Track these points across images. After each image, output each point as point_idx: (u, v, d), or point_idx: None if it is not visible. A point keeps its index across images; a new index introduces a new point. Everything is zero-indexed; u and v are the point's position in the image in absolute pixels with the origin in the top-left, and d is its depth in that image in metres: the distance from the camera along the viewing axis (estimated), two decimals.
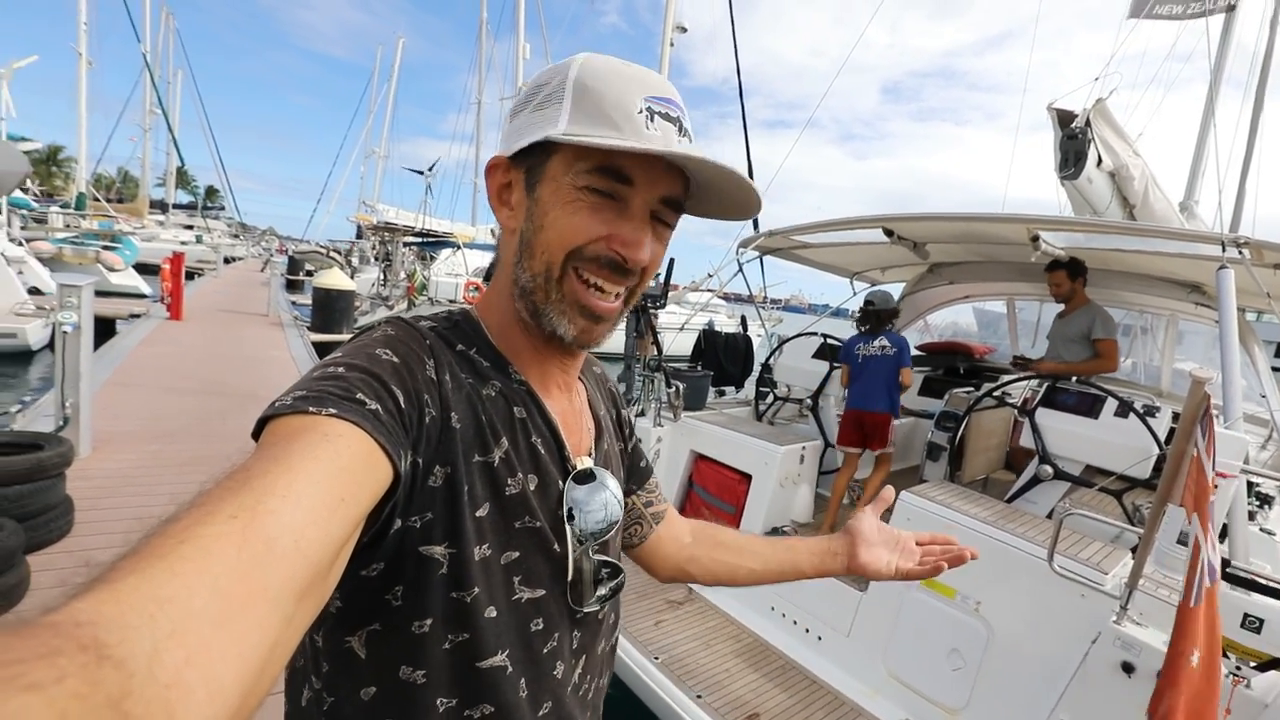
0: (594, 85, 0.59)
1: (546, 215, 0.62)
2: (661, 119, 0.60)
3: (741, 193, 0.64)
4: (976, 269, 4.92)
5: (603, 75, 0.60)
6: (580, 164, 0.60)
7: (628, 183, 0.60)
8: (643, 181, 0.61)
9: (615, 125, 0.58)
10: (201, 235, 27.17)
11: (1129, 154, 4.19)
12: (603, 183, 0.60)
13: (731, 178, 0.61)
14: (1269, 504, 3.00)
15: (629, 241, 0.61)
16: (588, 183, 0.60)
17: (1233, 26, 5.84)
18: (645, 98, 0.60)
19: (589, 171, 0.59)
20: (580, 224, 0.61)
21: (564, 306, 0.63)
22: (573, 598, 0.68)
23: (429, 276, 15.06)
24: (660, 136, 0.59)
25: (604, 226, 0.61)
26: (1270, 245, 2.56)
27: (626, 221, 0.61)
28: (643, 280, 0.66)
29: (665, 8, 8.32)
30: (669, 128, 0.60)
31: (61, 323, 4.00)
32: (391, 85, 38.68)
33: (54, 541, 3.08)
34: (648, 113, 0.59)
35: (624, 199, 0.61)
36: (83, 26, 20.11)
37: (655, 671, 2.39)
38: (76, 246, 14.33)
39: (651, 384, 3.59)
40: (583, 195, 0.60)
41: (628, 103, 0.59)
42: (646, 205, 0.62)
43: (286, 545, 0.37)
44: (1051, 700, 1.92)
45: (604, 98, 0.59)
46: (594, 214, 0.61)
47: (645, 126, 0.59)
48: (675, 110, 0.62)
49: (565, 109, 0.59)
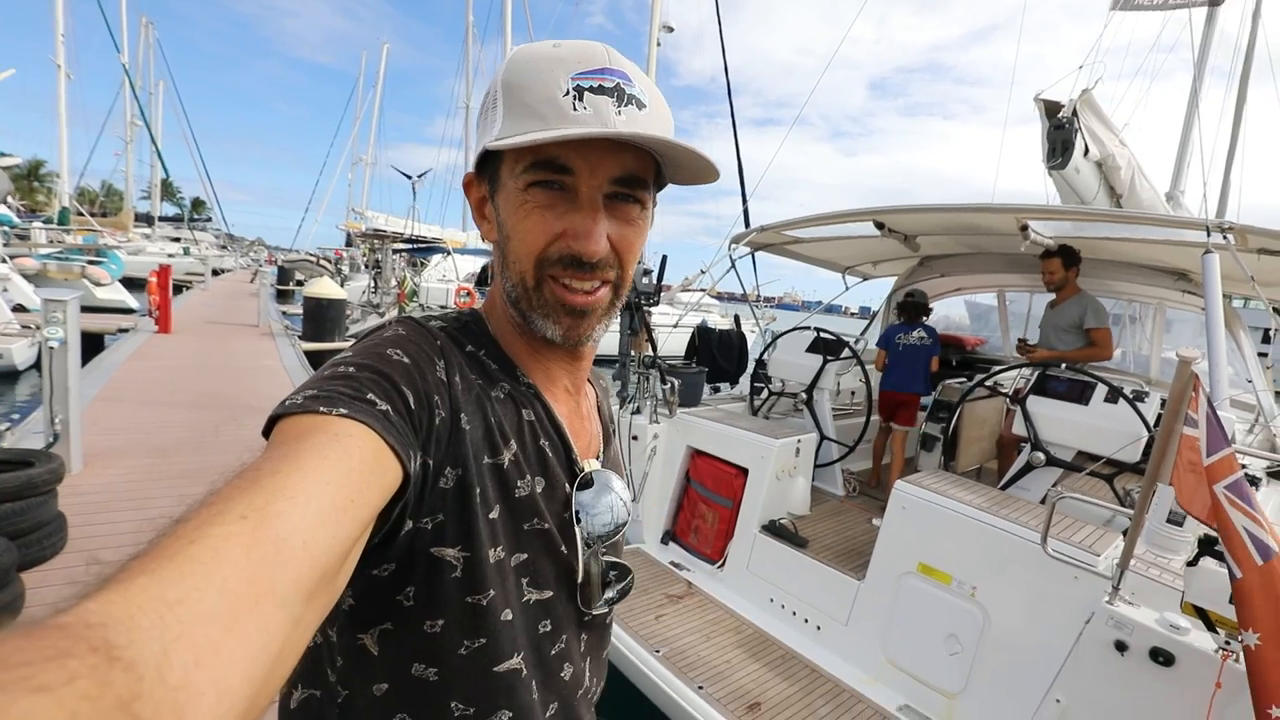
0: (518, 81, 0.58)
1: (507, 224, 0.62)
2: (592, 94, 0.57)
3: (687, 156, 0.60)
4: (967, 261, 4.97)
5: (526, 68, 0.58)
6: (519, 165, 0.59)
7: (567, 171, 0.58)
8: (583, 167, 0.58)
9: (540, 116, 0.56)
10: (189, 247, 26.92)
11: (1115, 144, 4.25)
12: (543, 176, 0.58)
13: (666, 144, 0.58)
14: (1257, 485, 3.04)
15: (579, 234, 0.59)
16: (529, 180, 0.59)
17: (1216, 18, 5.93)
18: (572, 75, 0.57)
19: (526, 170, 0.58)
20: (534, 226, 0.60)
21: (547, 309, 0.63)
22: (581, 600, 0.68)
23: (419, 283, 15.01)
24: (591, 114, 0.56)
25: (558, 222, 0.59)
26: (1254, 230, 2.61)
27: (576, 213, 0.59)
28: (622, 269, 0.64)
29: (651, 7, 8.34)
30: (602, 100, 0.57)
31: (48, 338, 3.97)
32: (377, 92, 38.57)
33: (47, 559, 3.05)
34: (575, 92, 0.56)
35: (571, 189, 0.59)
36: (60, 38, 19.91)
37: (657, 664, 2.40)
38: (61, 262, 14.16)
39: (647, 381, 3.60)
40: (530, 195, 0.59)
41: (550, 88, 0.56)
42: (595, 190, 0.59)
43: (295, 546, 0.37)
44: (1047, 681, 1.95)
45: (527, 90, 0.57)
46: (545, 213, 0.59)
47: (572, 108, 0.56)
48: (611, 78, 0.58)
49: (499, 113, 0.59)
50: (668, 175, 0.65)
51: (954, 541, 2.36)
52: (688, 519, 3.43)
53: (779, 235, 4.41)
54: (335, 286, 11.97)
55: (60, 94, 20.43)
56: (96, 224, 23.05)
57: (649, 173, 0.62)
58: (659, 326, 4.06)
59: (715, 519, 3.28)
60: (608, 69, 0.58)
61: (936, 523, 2.41)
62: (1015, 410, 3.20)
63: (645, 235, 0.66)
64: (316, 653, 0.61)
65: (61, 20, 19.78)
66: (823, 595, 2.73)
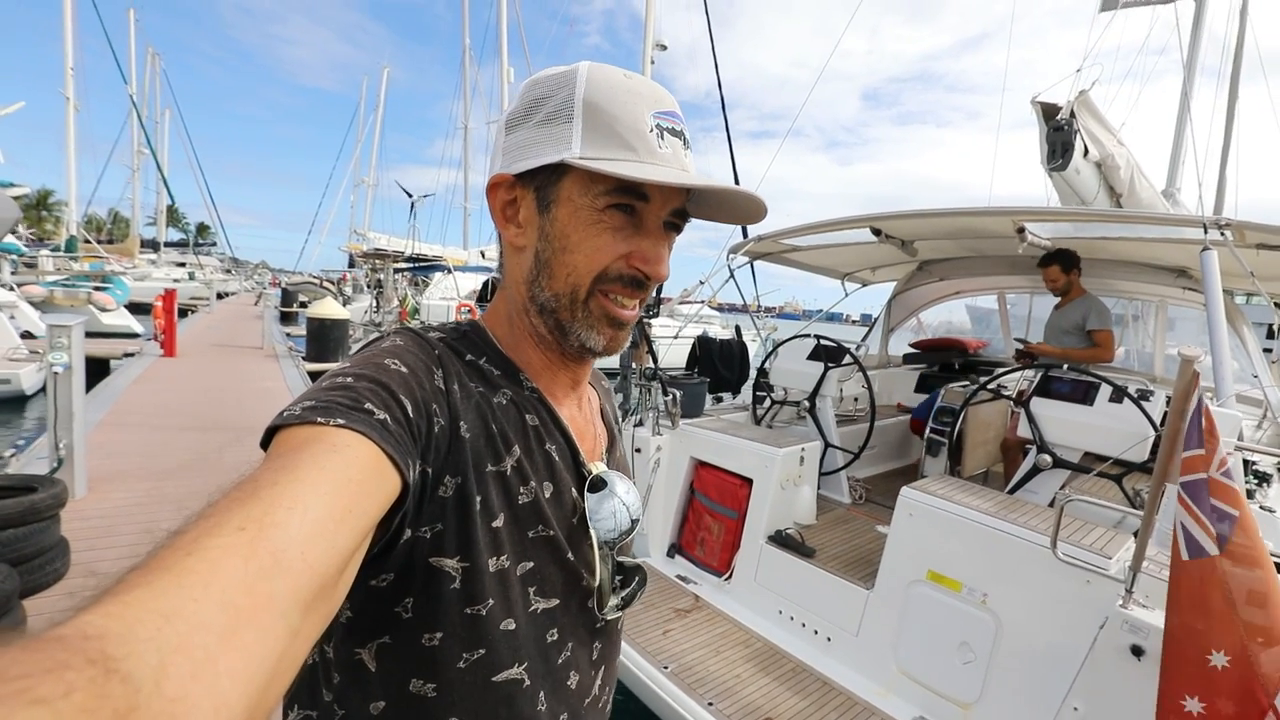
0: (605, 105, 0.60)
1: (569, 238, 0.62)
2: (670, 135, 0.61)
3: (747, 202, 0.65)
4: (965, 264, 4.96)
5: (612, 92, 0.60)
6: (598, 185, 0.60)
7: (645, 199, 0.61)
8: (658, 197, 0.62)
9: (630, 147, 0.59)
10: (194, 272, 27.15)
11: (1114, 144, 4.26)
12: (626, 201, 0.61)
13: (741, 194, 0.64)
14: (1267, 482, 3.00)
15: (650, 258, 0.63)
16: (610, 202, 0.60)
17: (1203, 16, 5.96)
18: (654, 114, 0.61)
19: (608, 192, 0.60)
20: (604, 245, 0.62)
21: (592, 320, 0.64)
22: (594, 605, 0.68)
23: (421, 301, 15.08)
24: (671, 154, 0.61)
25: (625, 245, 0.62)
26: (1251, 225, 2.60)
27: (645, 238, 0.63)
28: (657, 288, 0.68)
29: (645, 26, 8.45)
30: (677, 144, 0.62)
31: (53, 364, 3.99)
32: (378, 115, 39.09)
33: (50, 585, 3.03)
34: (658, 130, 0.60)
35: (640, 214, 0.62)
36: (69, 71, 20.28)
37: (665, 681, 2.36)
38: (68, 289, 14.31)
39: (648, 393, 3.59)
40: (606, 216, 0.61)
41: (639, 122, 0.60)
42: (660, 219, 0.63)
43: (293, 558, 0.37)
44: (1063, 688, 1.91)
45: (616, 119, 0.59)
46: (616, 234, 0.62)
47: (658, 146, 0.60)
48: (679, 123, 0.63)
49: (577, 130, 0.59)
50: (701, 214, 0.69)
51: (963, 548, 2.32)
52: (693, 531, 3.40)
53: (776, 244, 4.41)
54: (338, 307, 12.06)
55: (69, 125, 20.79)
56: (103, 251, 23.29)
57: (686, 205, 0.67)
58: (659, 338, 4.05)
59: (721, 530, 3.25)
60: (675, 113, 0.63)
61: (944, 529, 2.38)
62: (1019, 413, 3.18)
63: None
64: (313, 671, 0.61)
65: (71, 54, 20.14)
66: (832, 606, 2.70)
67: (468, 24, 27.96)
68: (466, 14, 28.02)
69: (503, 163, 0.65)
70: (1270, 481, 3.09)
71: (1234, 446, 1.89)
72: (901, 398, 5.39)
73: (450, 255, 21.72)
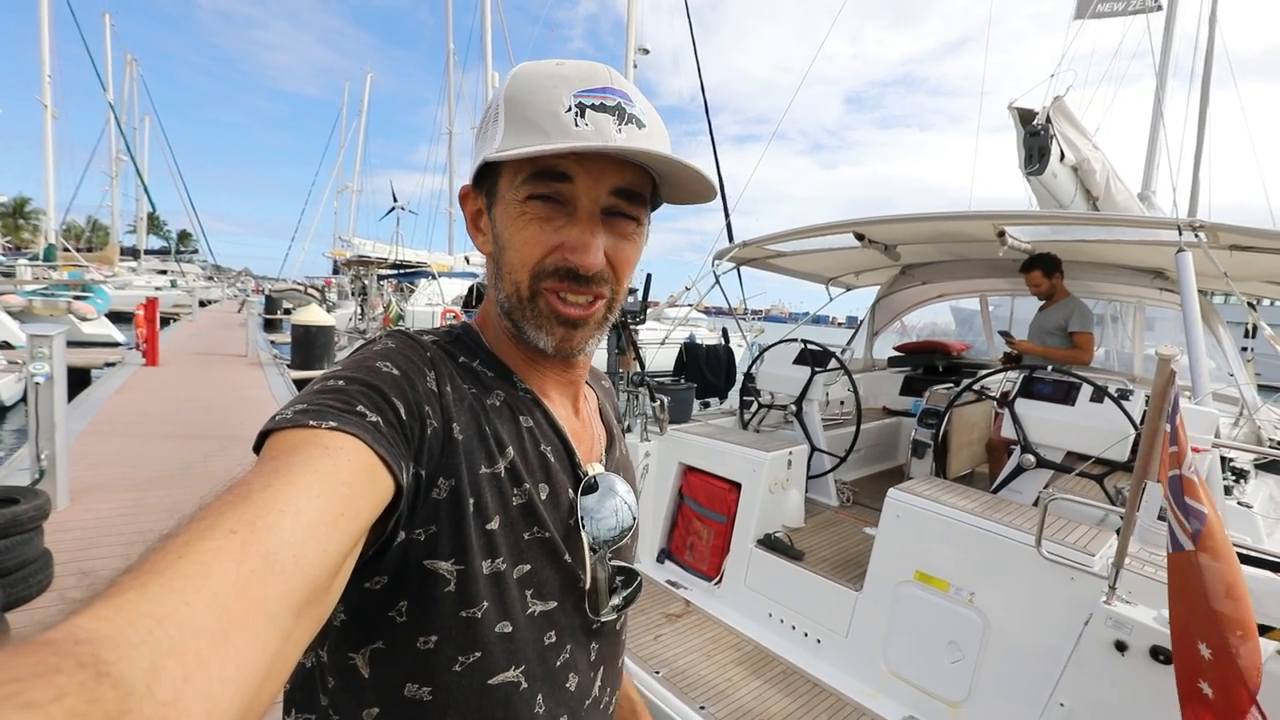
0: (522, 96, 0.60)
1: (503, 236, 0.63)
2: (595, 111, 0.58)
3: (687, 175, 0.61)
4: (948, 268, 5.03)
5: (530, 83, 0.60)
6: (518, 176, 0.60)
7: (567, 179, 0.59)
8: (584, 176, 0.59)
9: (542, 130, 0.57)
10: (175, 280, 26.82)
11: (1089, 148, 4.34)
12: (543, 186, 0.59)
13: (668, 161, 0.59)
14: (1244, 478, 3.07)
15: (576, 246, 0.60)
16: (529, 191, 0.60)
17: (1174, 24, 6.10)
18: (574, 94, 0.58)
19: (526, 181, 0.59)
20: (531, 238, 0.61)
21: (540, 320, 0.63)
22: (589, 606, 0.67)
23: (406, 308, 15.00)
24: (592, 130, 0.57)
25: (555, 235, 0.60)
26: (1224, 227, 2.66)
27: (573, 226, 0.60)
28: (617, 282, 0.65)
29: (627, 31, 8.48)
30: (604, 118, 0.58)
31: (33, 374, 3.93)
32: (361, 120, 38.86)
33: (34, 597, 2.99)
34: (577, 109, 0.58)
35: (570, 200, 0.60)
36: (47, 78, 19.93)
37: (657, 685, 2.36)
38: (47, 298, 14.06)
39: (636, 399, 3.60)
40: (529, 207, 0.60)
41: (554, 104, 0.58)
42: (594, 202, 0.60)
43: (285, 561, 0.36)
44: (1050, 685, 1.94)
45: (530, 105, 0.59)
46: (543, 225, 0.60)
47: (574, 124, 0.57)
48: (613, 98, 0.59)
49: (501, 126, 0.60)
50: (665, 194, 0.67)
51: (949, 548, 2.35)
52: (683, 536, 3.41)
53: (761, 250, 4.44)
54: (323, 314, 11.98)
55: (47, 132, 20.39)
56: (83, 259, 22.93)
57: (646, 189, 0.64)
58: (646, 344, 4.06)
59: (710, 535, 3.26)
60: (610, 88, 0.60)
61: (930, 529, 2.41)
62: (1003, 414, 3.22)
63: (640, 252, 0.67)
64: (309, 675, 0.60)
65: (48, 61, 19.82)
66: (821, 608, 2.72)
67: (451, 29, 27.88)
68: (450, 19, 27.95)
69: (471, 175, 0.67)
70: (1248, 478, 3.16)
71: (1211, 444, 1.93)
72: (886, 400, 5.44)
73: (435, 261, 21.62)
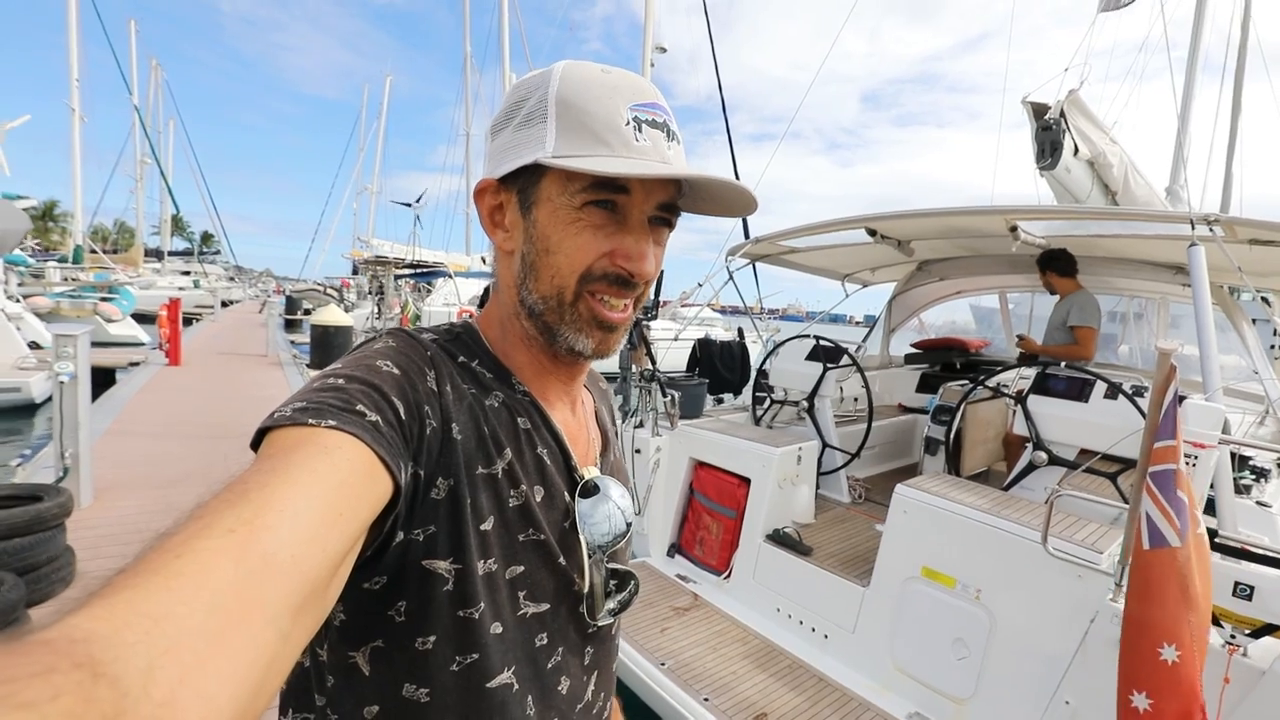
0: (577, 101, 0.59)
1: (549, 238, 0.61)
2: (649, 127, 0.59)
3: (735, 193, 0.64)
4: (965, 264, 4.97)
5: (584, 88, 0.59)
6: (575, 183, 0.59)
7: (625, 192, 0.60)
8: (639, 190, 0.60)
9: (604, 142, 0.57)
10: (198, 280, 27.33)
11: (1105, 142, 4.26)
12: (604, 196, 0.59)
13: (727, 184, 0.62)
14: (1265, 478, 3.01)
15: (633, 255, 0.61)
16: (587, 199, 0.59)
17: (1204, 10, 5.95)
18: (631, 106, 0.59)
19: (585, 189, 0.59)
20: (585, 244, 0.60)
21: (580, 324, 0.63)
22: (586, 610, 0.67)
23: (422, 307, 15.15)
24: (650, 146, 0.59)
25: (607, 242, 0.60)
26: (1242, 221, 2.61)
27: (627, 234, 0.61)
28: (647, 286, 0.65)
29: (644, 30, 8.48)
30: (657, 135, 0.60)
31: (59, 373, 4.03)
32: (381, 122, 39.25)
33: (56, 594, 3.05)
34: (634, 123, 0.58)
35: (623, 209, 0.60)
36: (75, 83, 20.41)
37: (662, 677, 2.38)
38: (74, 300, 14.40)
39: (648, 395, 3.61)
40: (585, 214, 0.60)
41: (614, 116, 0.58)
42: (644, 214, 0.61)
43: (284, 560, 0.36)
44: (1055, 682, 1.93)
45: (588, 113, 0.58)
46: (596, 232, 0.60)
47: (634, 139, 0.58)
48: (661, 114, 0.61)
49: (551, 128, 0.59)
50: (693, 207, 0.67)
51: (956, 544, 2.34)
52: (693, 531, 3.42)
53: (774, 246, 4.44)
54: (341, 314, 12.14)
55: (75, 136, 20.87)
56: (109, 260, 23.45)
57: (678, 200, 0.65)
58: (659, 340, 4.08)
59: (720, 530, 3.27)
60: (657, 104, 0.61)
61: (938, 526, 2.39)
62: (1016, 410, 3.19)
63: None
64: (307, 674, 0.61)
65: (75, 66, 20.29)
66: (828, 603, 2.71)
67: (469, 30, 28.08)
68: (468, 21, 28.16)
69: (488, 168, 0.65)
70: (1269, 477, 3.09)
71: (1218, 439, 1.90)
72: (903, 398, 5.40)
73: (452, 261, 21.80)
